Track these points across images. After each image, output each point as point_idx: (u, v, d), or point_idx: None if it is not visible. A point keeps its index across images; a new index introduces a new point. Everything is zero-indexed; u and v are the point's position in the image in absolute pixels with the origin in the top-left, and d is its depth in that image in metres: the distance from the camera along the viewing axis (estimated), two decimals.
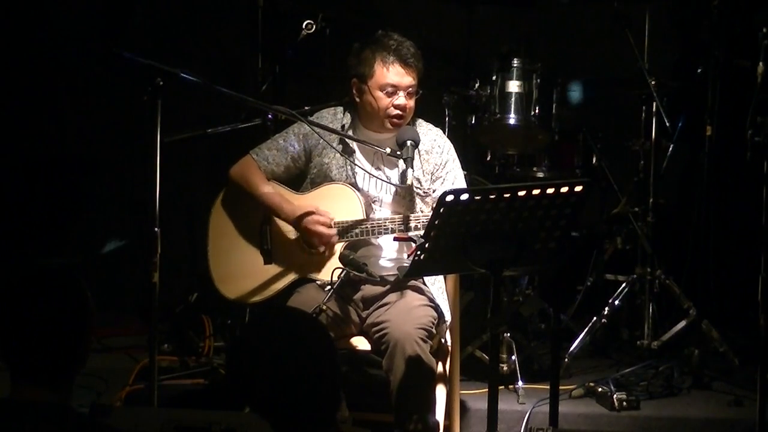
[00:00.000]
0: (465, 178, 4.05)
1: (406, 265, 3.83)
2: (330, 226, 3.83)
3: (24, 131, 5.68)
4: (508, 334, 4.65)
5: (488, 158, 5.19)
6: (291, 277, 3.92)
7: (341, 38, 4.44)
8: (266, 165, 3.95)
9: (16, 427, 2.28)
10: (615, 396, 4.36)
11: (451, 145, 4.01)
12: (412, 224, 3.79)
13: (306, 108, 4.18)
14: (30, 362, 2.34)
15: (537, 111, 4.88)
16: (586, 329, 4.88)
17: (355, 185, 3.91)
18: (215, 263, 3.97)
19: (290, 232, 3.93)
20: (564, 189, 3.12)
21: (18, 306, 2.35)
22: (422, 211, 3.88)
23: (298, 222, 3.85)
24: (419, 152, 3.88)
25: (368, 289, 3.90)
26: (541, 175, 5.07)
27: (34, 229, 5.66)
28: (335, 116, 3.99)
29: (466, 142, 4.98)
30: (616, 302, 4.97)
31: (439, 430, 3.80)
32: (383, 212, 3.93)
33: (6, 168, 5.67)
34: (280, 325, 2.37)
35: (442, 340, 3.96)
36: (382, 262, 3.95)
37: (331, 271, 3.71)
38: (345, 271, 3.67)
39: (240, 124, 4.58)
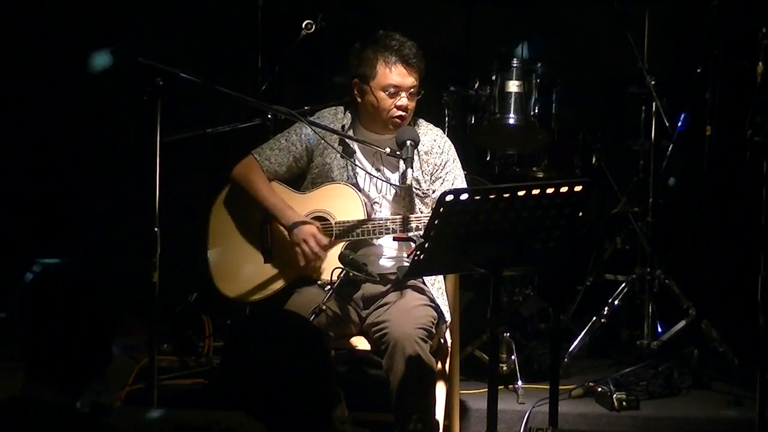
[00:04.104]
0: (465, 178, 4.05)
1: (405, 265, 3.83)
2: (322, 246, 3.82)
3: (24, 131, 5.67)
4: (508, 334, 4.66)
5: (488, 158, 5.19)
6: (291, 276, 3.92)
7: (341, 38, 4.44)
8: (268, 165, 3.95)
9: (18, 425, 2.29)
10: (615, 396, 4.36)
11: (451, 145, 4.01)
12: (413, 224, 3.79)
13: (306, 108, 4.18)
14: (47, 363, 2.35)
15: (536, 111, 4.89)
16: (586, 329, 4.88)
17: (356, 186, 3.91)
18: (215, 262, 3.97)
19: None
20: (564, 189, 3.12)
21: (43, 306, 2.36)
22: (422, 212, 3.88)
23: (290, 230, 3.86)
24: (418, 153, 3.88)
25: (368, 289, 3.90)
26: (540, 174, 5.07)
27: (34, 229, 5.66)
28: (336, 116, 3.99)
29: (465, 142, 4.98)
30: (616, 302, 4.97)
31: (439, 430, 3.80)
32: (383, 213, 3.94)
33: (6, 168, 5.66)
34: (272, 327, 2.37)
35: (442, 340, 3.96)
36: (382, 262, 3.95)
37: (330, 270, 3.71)
38: (345, 271, 3.67)
39: (240, 124, 4.58)
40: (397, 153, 3.81)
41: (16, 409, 2.31)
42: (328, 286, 3.67)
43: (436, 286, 3.93)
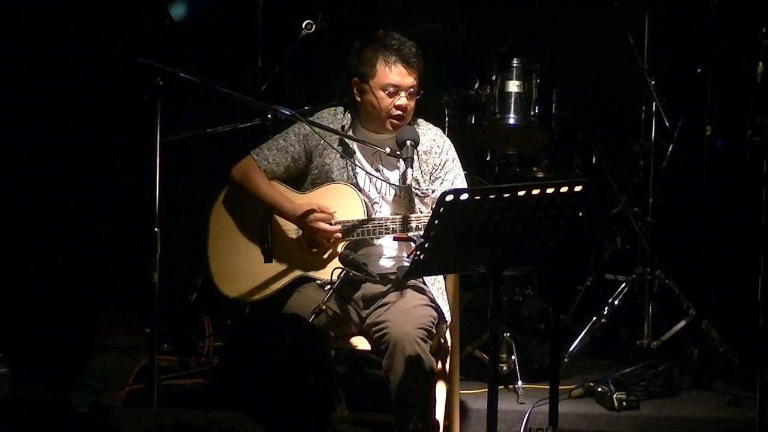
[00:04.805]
0: (465, 177, 4.05)
1: (405, 265, 3.83)
2: (332, 224, 3.84)
3: (24, 131, 5.67)
4: (508, 334, 4.66)
5: (488, 158, 5.19)
6: (291, 275, 3.92)
7: (341, 38, 4.44)
8: (266, 165, 3.95)
9: (17, 426, 2.29)
10: (615, 396, 4.36)
11: (451, 145, 4.01)
12: (413, 224, 3.79)
13: (306, 108, 4.18)
14: (31, 362, 2.35)
15: (536, 111, 4.88)
16: (586, 329, 4.88)
17: (356, 186, 3.91)
18: (215, 262, 3.97)
19: (291, 230, 3.93)
20: (564, 189, 3.11)
21: (20, 305, 2.36)
22: (422, 212, 3.88)
23: (300, 220, 3.86)
24: (418, 153, 3.87)
25: (368, 289, 3.90)
26: (540, 174, 5.07)
27: (34, 229, 5.66)
28: (335, 116, 3.99)
29: (465, 142, 4.98)
30: (616, 302, 4.97)
31: (439, 430, 3.80)
32: (383, 213, 3.94)
33: (6, 168, 5.66)
34: (272, 327, 2.37)
35: (442, 340, 3.96)
36: (382, 262, 3.95)
37: (331, 270, 3.71)
38: (345, 271, 3.67)
39: (240, 124, 4.58)
40: (397, 153, 3.81)
41: (14, 409, 2.31)
42: (328, 286, 3.67)
43: (436, 286, 3.93)
